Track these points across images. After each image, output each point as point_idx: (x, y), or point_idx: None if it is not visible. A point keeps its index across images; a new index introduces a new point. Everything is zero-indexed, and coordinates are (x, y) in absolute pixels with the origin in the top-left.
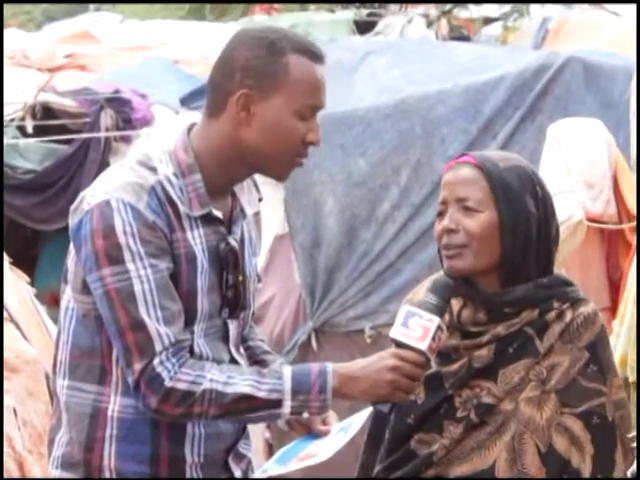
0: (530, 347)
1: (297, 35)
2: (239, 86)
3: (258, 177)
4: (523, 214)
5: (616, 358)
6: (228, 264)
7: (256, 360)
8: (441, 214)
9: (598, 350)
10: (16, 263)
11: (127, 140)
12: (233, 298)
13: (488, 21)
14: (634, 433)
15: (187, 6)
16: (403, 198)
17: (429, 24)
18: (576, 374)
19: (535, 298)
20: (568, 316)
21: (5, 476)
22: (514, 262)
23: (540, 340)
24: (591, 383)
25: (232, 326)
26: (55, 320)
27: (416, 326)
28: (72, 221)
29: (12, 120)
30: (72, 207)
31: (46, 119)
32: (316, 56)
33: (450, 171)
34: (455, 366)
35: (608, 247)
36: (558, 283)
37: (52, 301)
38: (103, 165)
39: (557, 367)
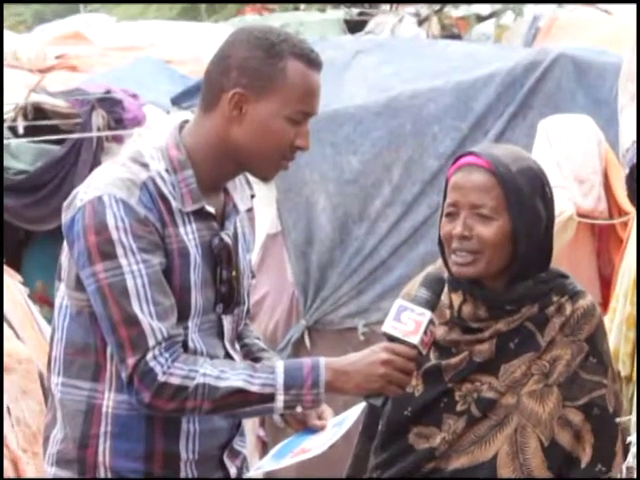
0: (531, 342)
1: (297, 39)
2: (234, 84)
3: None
4: (535, 219)
5: None
6: (222, 259)
7: (252, 358)
8: (451, 215)
9: (597, 342)
10: (8, 263)
11: (119, 140)
12: (227, 293)
13: (480, 19)
14: (625, 423)
15: (179, 6)
16: (395, 196)
17: (420, 23)
18: (577, 367)
19: (535, 294)
20: (568, 309)
21: None
22: (524, 264)
23: (541, 334)
24: (591, 375)
25: (227, 322)
26: (47, 319)
27: (408, 320)
28: (65, 218)
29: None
30: (65, 204)
31: (37, 120)
32: (314, 62)
33: (461, 173)
34: (455, 360)
35: (599, 243)
36: (555, 277)
37: (41, 301)
38: (95, 165)
39: (559, 360)
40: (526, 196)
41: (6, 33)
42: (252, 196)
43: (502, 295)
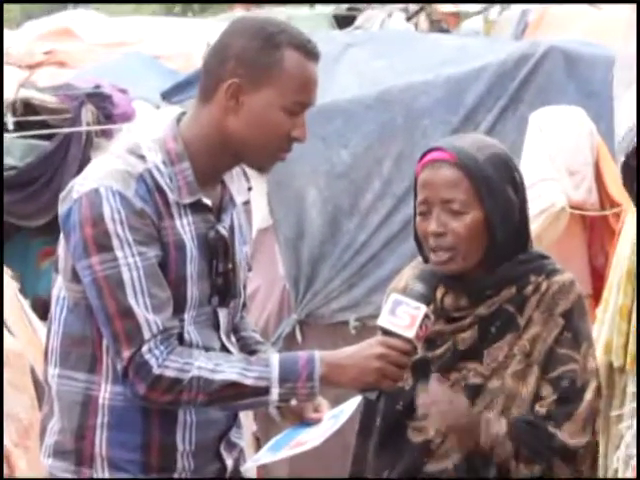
0: (511, 323)
1: (295, 30)
2: (231, 74)
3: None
4: (507, 206)
5: (601, 344)
6: (218, 252)
7: (249, 351)
8: (424, 214)
9: (574, 318)
10: None
11: (108, 135)
12: (223, 286)
13: (469, 15)
14: (618, 412)
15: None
16: (386, 189)
17: (408, 19)
18: (552, 342)
19: (514, 275)
20: (543, 286)
21: None
22: (501, 251)
23: (520, 315)
24: (565, 349)
25: (222, 314)
26: None
27: (404, 314)
28: (61, 209)
29: None
30: (61, 196)
31: (27, 115)
32: (311, 53)
33: (427, 170)
34: (440, 350)
35: (590, 234)
36: (535, 258)
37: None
38: (85, 161)
39: (537, 338)
40: (496, 184)
41: None
42: (249, 188)
43: (482, 281)
